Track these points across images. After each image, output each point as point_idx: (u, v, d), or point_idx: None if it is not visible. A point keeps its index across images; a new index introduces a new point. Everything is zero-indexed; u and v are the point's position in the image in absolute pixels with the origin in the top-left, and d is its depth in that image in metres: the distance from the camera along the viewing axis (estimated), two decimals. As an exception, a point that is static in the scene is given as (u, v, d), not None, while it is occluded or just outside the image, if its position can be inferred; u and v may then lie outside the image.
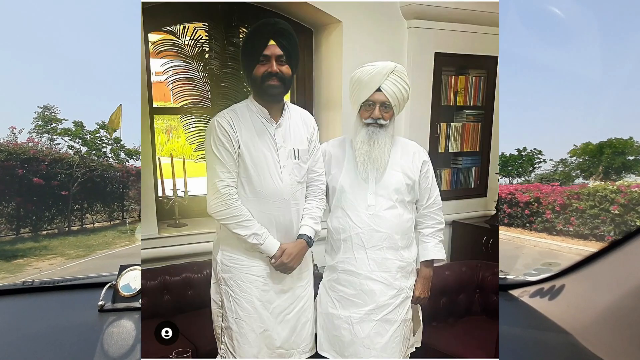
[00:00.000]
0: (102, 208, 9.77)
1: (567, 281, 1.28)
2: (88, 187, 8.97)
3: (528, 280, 1.53)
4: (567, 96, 24.12)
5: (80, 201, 9.04)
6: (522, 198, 8.10)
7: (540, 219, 7.76)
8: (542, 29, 13.28)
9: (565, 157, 12.99)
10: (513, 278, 1.64)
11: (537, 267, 1.58)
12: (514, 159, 12.99)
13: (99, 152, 9.55)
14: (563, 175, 12.62)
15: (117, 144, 10.01)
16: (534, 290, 1.43)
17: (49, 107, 9.85)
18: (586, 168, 12.21)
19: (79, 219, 9.24)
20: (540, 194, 7.85)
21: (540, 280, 1.44)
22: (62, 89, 30.25)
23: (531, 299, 1.41)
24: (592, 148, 12.02)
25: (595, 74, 13.76)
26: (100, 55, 34.97)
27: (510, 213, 8.29)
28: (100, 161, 9.49)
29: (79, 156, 8.91)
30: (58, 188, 8.24)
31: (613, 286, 1.06)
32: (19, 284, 1.69)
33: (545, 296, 1.33)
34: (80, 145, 9.29)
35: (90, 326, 1.37)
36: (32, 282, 1.69)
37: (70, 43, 35.22)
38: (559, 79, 27.04)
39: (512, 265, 5.61)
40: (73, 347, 1.23)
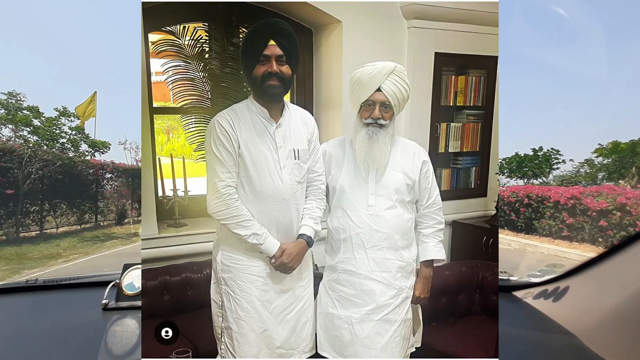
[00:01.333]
0: (67, 210, 8.24)
1: (572, 283, 1.27)
2: (48, 184, 7.63)
3: (532, 282, 1.53)
4: (587, 95, 23.62)
5: (39, 202, 7.57)
6: (593, 205, 5.75)
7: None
8: (548, 29, 12.96)
9: (589, 157, 11.54)
10: (517, 279, 1.63)
11: (541, 269, 1.57)
12: (529, 159, 12.02)
13: (52, 142, 7.92)
14: (588, 177, 11.39)
15: (79, 134, 8.47)
16: (538, 291, 1.42)
17: (15, 93, 8.20)
18: (615, 169, 10.88)
19: (37, 223, 7.72)
20: (627, 200, 5.50)
21: (544, 282, 1.44)
22: (62, 89, 30.25)
23: (535, 300, 1.41)
24: (623, 147, 10.54)
25: (602, 74, 12.82)
26: (100, 55, 35.00)
27: (572, 224, 6.03)
28: (58, 154, 7.90)
29: (29, 147, 7.41)
30: (5, 186, 6.84)
31: (618, 288, 1.05)
32: (23, 282, 1.70)
33: (550, 298, 1.33)
34: (30, 134, 7.73)
35: (94, 325, 1.38)
36: (35, 281, 1.70)
37: (70, 43, 35.22)
38: (572, 79, 26.70)
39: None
40: (77, 346, 1.23)
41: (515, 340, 1.24)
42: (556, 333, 1.20)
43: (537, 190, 7.02)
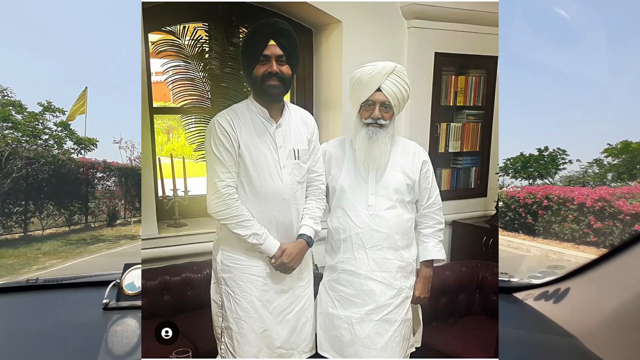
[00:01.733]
0: (55, 211, 7.77)
1: (573, 284, 1.27)
2: (32, 184, 7.17)
3: (532, 283, 1.52)
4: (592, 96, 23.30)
5: (22, 202, 7.08)
6: (627, 207, 5.29)
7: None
8: (549, 29, 12.79)
9: (598, 157, 11.21)
10: (517, 281, 1.62)
11: (542, 270, 1.57)
12: (535, 159, 11.81)
13: (33, 139, 7.48)
14: (597, 178, 10.99)
15: (63, 131, 7.97)
16: (538, 293, 1.42)
17: (2, 88, 7.91)
18: (625, 169, 10.51)
19: (20, 225, 7.24)
20: None
21: (545, 283, 1.43)
22: (62, 89, 30.24)
23: (536, 301, 1.40)
24: (635, 147, 10.24)
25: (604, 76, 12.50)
26: (100, 54, 35.00)
27: (600, 228, 5.48)
28: (42, 151, 7.47)
29: (8, 144, 6.96)
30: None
31: (619, 290, 1.05)
32: (23, 281, 1.70)
33: (550, 299, 1.32)
34: (10, 130, 7.30)
35: (95, 324, 1.38)
36: (36, 280, 1.70)
37: (70, 43, 35.24)
38: (575, 79, 26.49)
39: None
40: (77, 345, 1.23)
41: (517, 342, 1.24)
42: (557, 335, 1.20)
43: (558, 191, 6.55)
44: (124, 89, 23.75)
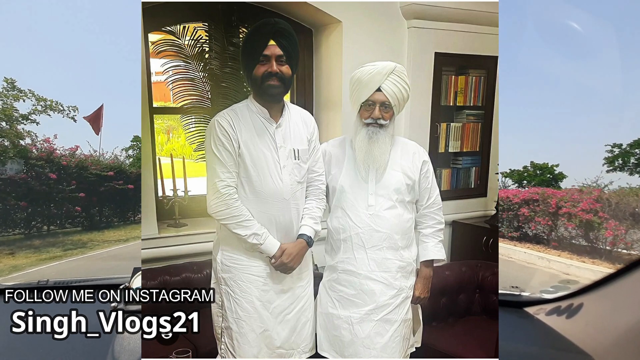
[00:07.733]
0: None
1: (586, 300, 1.23)
2: None
3: (544, 298, 1.48)
4: None
5: None
6: None
7: None
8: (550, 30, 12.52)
9: None
10: (529, 295, 1.58)
11: (554, 285, 1.54)
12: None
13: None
14: None
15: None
16: (550, 308, 1.38)
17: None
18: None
19: None
20: None
21: (558, 298, 1.39)
22: (61, 88, 30.29)
23: (547, 317, 1.36)
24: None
25: None
26: (100, 54, 35.01)
27: None
28: None
29: None
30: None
31: (635, 306, 1.02)
32: (34, 283, 1.70)
33: (563, 314, 1.28)
34: None
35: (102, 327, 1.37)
36: (46, 282, 1.70)
37: (69, 43, 35.25)
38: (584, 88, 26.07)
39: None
40: (85, 348, 1.23)
41: (527, 358, 1.22)
42: (569, 352, 1.16)
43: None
44: (124, 89, 23.73)
